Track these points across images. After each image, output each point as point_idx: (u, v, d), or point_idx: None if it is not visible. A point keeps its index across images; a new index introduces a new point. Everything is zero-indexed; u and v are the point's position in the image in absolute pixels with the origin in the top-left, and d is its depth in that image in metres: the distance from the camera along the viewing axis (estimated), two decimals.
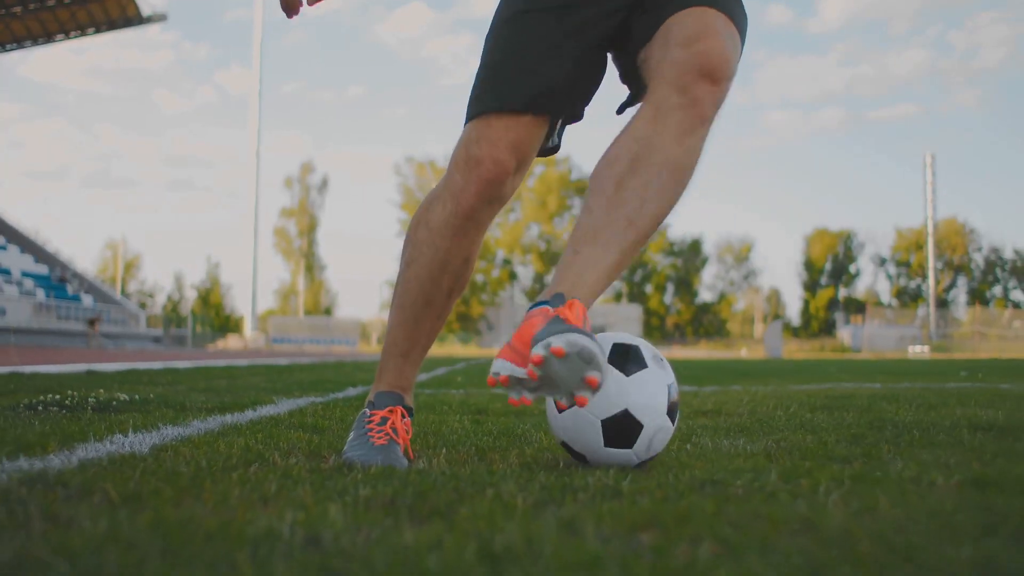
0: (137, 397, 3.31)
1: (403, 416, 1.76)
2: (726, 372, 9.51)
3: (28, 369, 6.06)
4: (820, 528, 1.02)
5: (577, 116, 1.81)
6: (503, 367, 1.35)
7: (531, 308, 1.44)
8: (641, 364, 1.64)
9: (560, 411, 1.64)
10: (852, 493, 1.27)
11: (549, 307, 1.42)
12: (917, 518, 1.08)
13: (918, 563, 0.86)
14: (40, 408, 2.85)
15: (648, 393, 1.62)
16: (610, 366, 1.58)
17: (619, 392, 1.59)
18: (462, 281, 1.84)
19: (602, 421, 1.59)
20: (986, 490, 1.31)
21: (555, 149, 1.82)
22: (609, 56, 1.79)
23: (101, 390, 3.66)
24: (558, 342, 1.26)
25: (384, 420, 1.72)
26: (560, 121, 1.79)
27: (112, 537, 0.92)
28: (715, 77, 1.54)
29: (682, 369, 8.89)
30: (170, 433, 2.08)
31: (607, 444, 1.59)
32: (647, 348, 1.68)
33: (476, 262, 1.85)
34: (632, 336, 1.71)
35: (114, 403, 3.04)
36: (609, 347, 1.63)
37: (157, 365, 8.66)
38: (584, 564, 0.83)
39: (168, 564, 0.82)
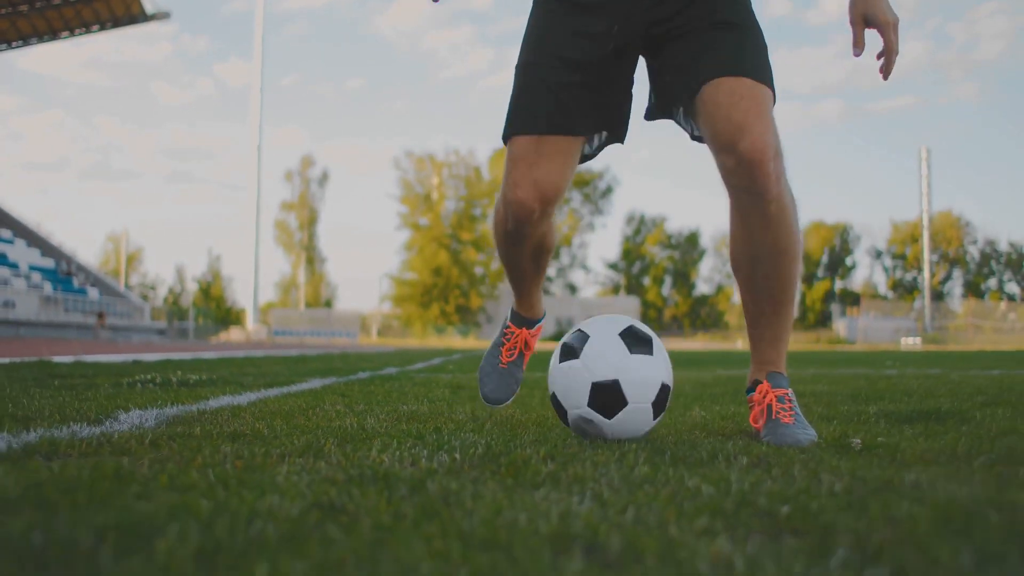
0: (204, 378, 4.42)
1: (529, 331, 2.36)
2: (695, 362, 10.62)
3: (88, 359, 7.18)
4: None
5: (617, 136, 2.01)
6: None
7: (749, 393, 1.98)
8: (647, 350, 1.78)
9: (561, 362, 1.83)
10: None
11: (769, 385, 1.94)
12: (674, 425, 2.19)
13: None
14: (140, 386, 3.94)
15: (643, 376, 1.75)
16: (620, 339, 1.78)
17: (619, 363, 1.73)
18: (544, 253, 2.16)
19: (593, 383, 1.72)
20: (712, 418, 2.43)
21: (588, 156, 2.04)
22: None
23: (179, 371, 4.79)
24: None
25: (514, 337, 2.36)
26: (600, 138, 2.01)
27: (272, 431, 2.03)
28: (765, 168, 1.76)
29: None
30: (251, 397, 3.19)
31: (590, 404, 1.73)
32: (659, 344, 1.84)
33: (554, 236, 2.14)
34: (651, 330, 1.88)
35: (191, 381, 4.14)
36: (626, 326, 1.82)
37: (185, 356, 9.77)
38: (478, 429, 1.95)
39: (306, 440, 1.92)
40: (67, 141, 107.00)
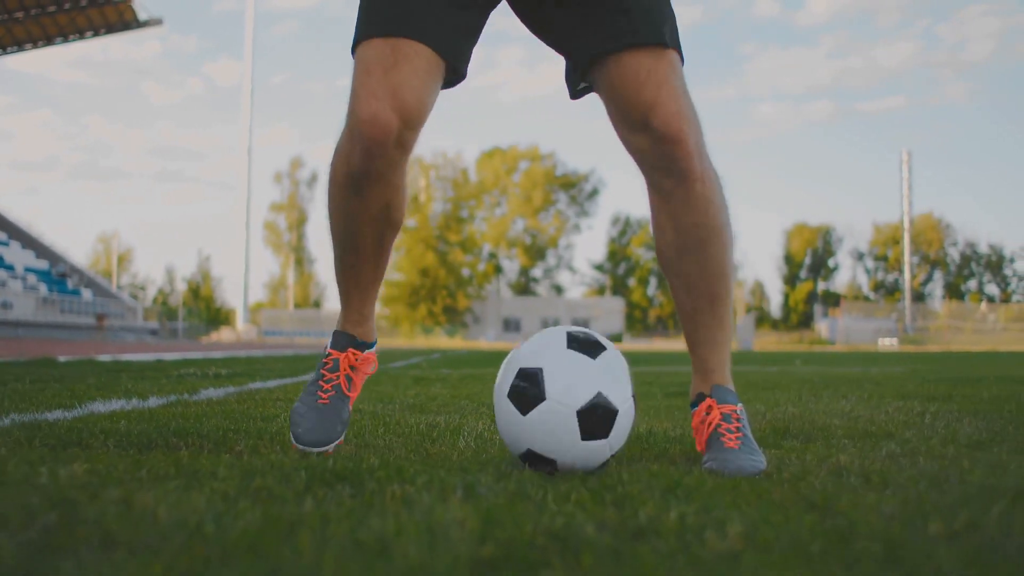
0: (229, 372, 5.86)
1: (355, 354, 1.85)
2: (666, 359, 12.05)
3: (124, 357, 8.62)
4: None
5: (456, 65, 1.65)
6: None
7: (693, 408, 1.77)
8: (601, 346, 1.60)
9: (525, 413, 1.54)
10: None
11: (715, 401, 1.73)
12: None
13: None
14: (186, 376, 5.36)
15: (615, 375, 1.58)
16: (572, 352, 1.56)
17: (589, 376, 1.54)
18: (390, 225, 1.74)
19: (577, 412, 1.51)
20: None
21: (459, 79, 1.71)
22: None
23: (212, 367, 6.25)
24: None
25: (336, 365, 1.83)
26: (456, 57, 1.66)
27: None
28: (685, 146, 1.62)
29: (633, 359, 11.45)
30: (273, 383, 4.65)
31: (584, 437, 1.51)
32: (599, 335, 1.65)
33: (403, 203, 1.74)
34: (579, 328, 1.66)
35: (223, 374, 5.58)
36: (564, 337, 1.60)
37: (197, 355, 11.19)
38: (414, 397, 3.44)
39: None
40: (56, 140, 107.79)
